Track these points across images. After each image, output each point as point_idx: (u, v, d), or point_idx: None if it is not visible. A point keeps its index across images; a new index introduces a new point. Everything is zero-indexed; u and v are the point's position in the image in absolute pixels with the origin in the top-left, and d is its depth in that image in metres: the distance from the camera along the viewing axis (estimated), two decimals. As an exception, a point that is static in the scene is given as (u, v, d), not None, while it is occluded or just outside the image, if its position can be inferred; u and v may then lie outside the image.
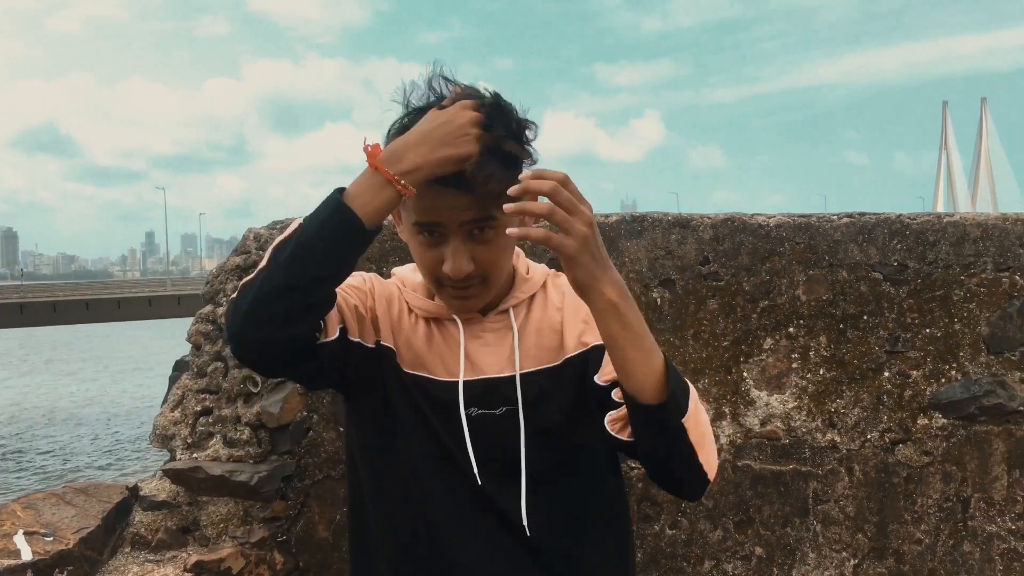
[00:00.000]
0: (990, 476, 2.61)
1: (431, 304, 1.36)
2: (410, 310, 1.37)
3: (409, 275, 1.40)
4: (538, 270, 1.42)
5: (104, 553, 2.43)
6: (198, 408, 2.52)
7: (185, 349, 2.65)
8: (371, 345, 1.32)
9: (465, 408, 1.31)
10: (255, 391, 2.51)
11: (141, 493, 2.51)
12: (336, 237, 1.17)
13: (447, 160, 1.18)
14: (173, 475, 2.49)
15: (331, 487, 2.53)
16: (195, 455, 2.51)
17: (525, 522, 1.30)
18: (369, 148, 1.19)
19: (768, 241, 2.58)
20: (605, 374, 1.29)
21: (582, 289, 1.17)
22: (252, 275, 1.19)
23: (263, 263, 1.19)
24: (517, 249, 1.40)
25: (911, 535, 2.60)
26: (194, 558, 2.43)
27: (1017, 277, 2.59)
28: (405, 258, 2.53)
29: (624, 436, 1.26)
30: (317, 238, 1.16)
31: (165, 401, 2.59)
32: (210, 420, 2.51)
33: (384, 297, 1.38)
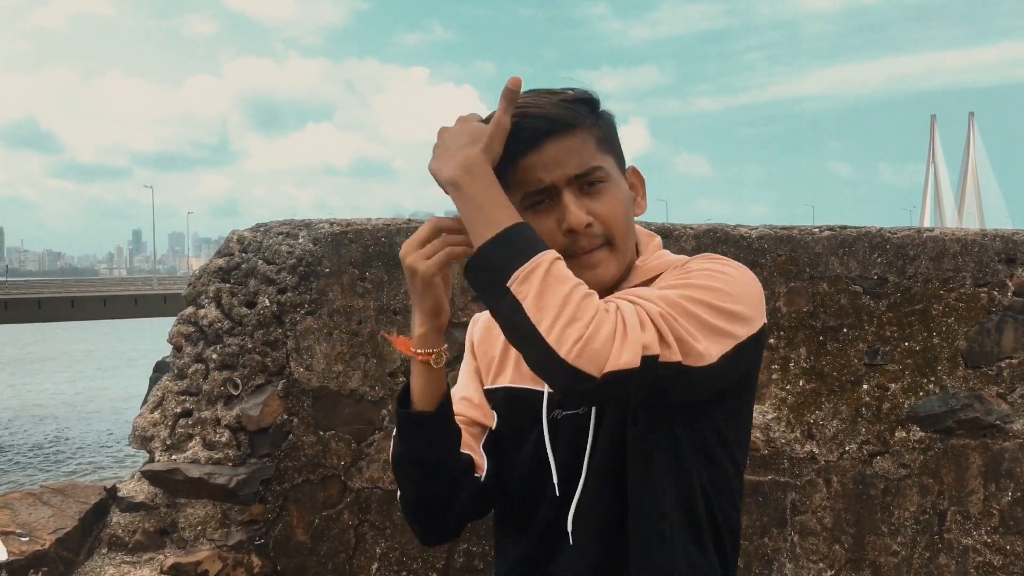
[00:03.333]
0: (967, 489, 2.63)
1: None
2: None
3: None
4: (662, 259, 1.31)
5: (80, 554, 2.41)
6: (178, 410, 2.51)
7: (155, 351, 2.65)
8: (491, 416, 1.39)
9: (550, 411, 1.29)
10: (235, 393, 2.50)
11: (119, 494, 2.50)
12: (414, 439, 1.27)
13: (425, 312, 1.24)
14: (151, 477, 2.49)
15: (310, 491, 2.53)
16: (174, 457, 2.50)
17: (569, 527, 1.24)
18: (394, 339, 1.30)
19: (750, 252, 2.60)
20: None
21: (442, 188, 1.17)
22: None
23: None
24: (655, 239, 1.35)
25: (888, 547, 2.62)
26: (171, 560, 2.42)
27: (995, 292, 2.62)
28: (388, 262, 2.54)
29: None
30: (406, 450, 1.28)
31: (145, 402, 2.58)
32: (190, 422, 2.50)
33: (483, 338, 1.43)
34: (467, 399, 1.40)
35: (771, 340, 2.59)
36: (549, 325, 1.02)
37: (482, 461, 1.34)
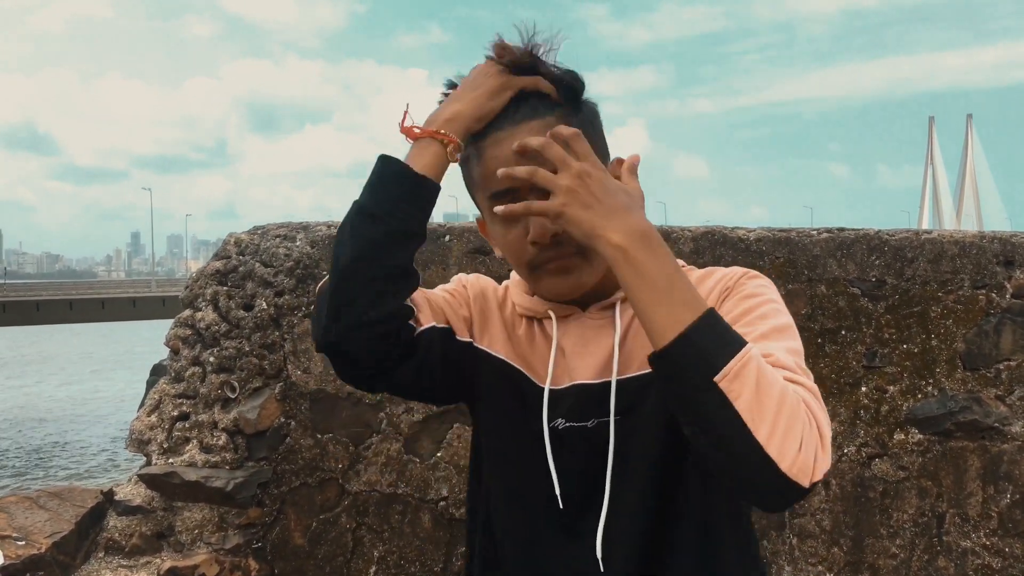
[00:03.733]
0: (965, 492, 2.62)
1: (530, 300, 1.25)
2: (515, 308, 1.28)
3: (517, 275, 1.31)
4: None
5: (77, 558, 2.40)
6: (175, 413, 2.50)
7: (153, 353, 2.64)
8: (466, 340, 1.24)
9: (551, 420, 1.18)
10: (232, 396, 2.50)
11: (116, 498, 2.49)
12: (389, 189, 1.11)
13: (480, 98, 1.13)
14: (148, 480, 2.48)
15: (307, 494, 2.52)
16: (171, 460, 2.49)
17: (599, 554, 1.14)
18: (403, 124, 1.16)
19: (748, 255, 2.59)
20: None
21: (588, 245, 1.03)
22: (325, 278, 1.15)
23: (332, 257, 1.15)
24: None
25: (886, 549, 2.61)
26: (168, 564, 2.42)
27: (993, 295, 2.62)
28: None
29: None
30: (372, 199, 1.11)
31: (142, 405, 2.57)
32: (187, 425, 2.50)
33: (480, 293, 1.29)
34: (441, 300, 1.25)
35: (769, 342, 2.59)
36: (768, 434, 0.92)
37: (425, 321, 1.18)
